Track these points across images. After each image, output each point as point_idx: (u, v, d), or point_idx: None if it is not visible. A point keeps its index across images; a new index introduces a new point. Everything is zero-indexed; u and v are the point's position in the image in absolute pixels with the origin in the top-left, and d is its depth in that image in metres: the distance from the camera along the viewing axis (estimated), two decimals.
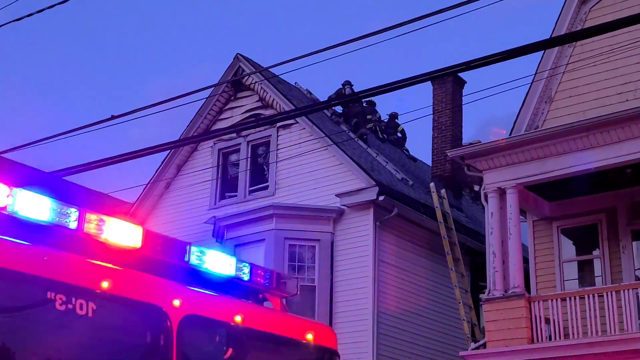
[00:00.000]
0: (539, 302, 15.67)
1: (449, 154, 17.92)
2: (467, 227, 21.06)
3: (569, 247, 18.03)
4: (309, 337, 7.30)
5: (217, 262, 7.00)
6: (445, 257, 18.36)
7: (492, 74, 11.90)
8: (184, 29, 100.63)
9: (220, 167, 21.73)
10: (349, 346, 16.32)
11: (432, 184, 19.36)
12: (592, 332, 15.00)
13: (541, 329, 15.42)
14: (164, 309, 6.25)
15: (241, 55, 21.82)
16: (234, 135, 21.16)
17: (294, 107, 19.74)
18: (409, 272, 19.60)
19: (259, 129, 20.78)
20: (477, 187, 20.45)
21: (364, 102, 23.22)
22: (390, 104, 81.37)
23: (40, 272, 5.61)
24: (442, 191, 19.20)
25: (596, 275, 17.38)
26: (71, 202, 6.14)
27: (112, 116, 11.43)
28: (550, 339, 15.39)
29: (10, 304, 5.46)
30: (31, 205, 5.86)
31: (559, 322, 15.36)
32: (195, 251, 6.84)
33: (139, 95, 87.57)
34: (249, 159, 21.22)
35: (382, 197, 18.54)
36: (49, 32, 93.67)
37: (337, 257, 18.91)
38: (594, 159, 15.43)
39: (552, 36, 17.32)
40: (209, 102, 21.95)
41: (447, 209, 18.91)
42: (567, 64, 17.68)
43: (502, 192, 16.38)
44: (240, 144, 21.48)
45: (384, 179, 19.61)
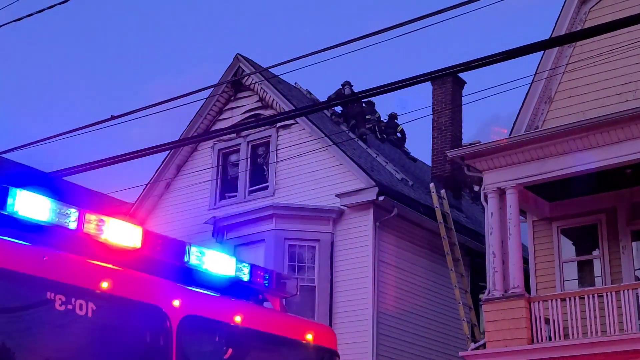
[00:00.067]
0: (539, 302, 15.67)
1: (448, 154, 17.92)
2: (467, 228, 21.05)
3: (568, 248, 18.03)
4: (309, 337, 7.30)
5: (217, 262, 7.00)
6: (445, 258, 18.36)
7: (492, 74, 11.91)
8: (184, 29, 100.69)
9: (220, 167, 21.72)
10: (348, 346, 16.31)
11: (432, 184, 19.36)
12: (592, 333, 14.99)
13: (541, 329, 15.42)
14: (164, 310, 6.25)
15: (241, 55, 21.81)
16: (234, 135, 21.15)
17: (294, 108, 19.73)
18: (408, 272, 19.60)
19: (258, 129, 20.77)
20: (477, 188, 20.48)
21: (363, 102, 23.22)
22: (390, 104, 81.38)
23: (40, 272, 5.61)
24: (442, 191, 19.20)
25: (596, 275, 17.37)
26: (70, 202, 6.14)
27: (112, 116, 11.43)
28: (550, 339, 15.38)
29: (9, 304, 5.46)
30: (31, 205, 5.85)
31: (558, 322, 15.35)
32: (195, 251, 6.84)
33: (139, 95, 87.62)
34: (249, 159, 21.21)
35: (382, 198, 18.53)
36: (49, 32, 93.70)
37: (337, 258, 18.90)
38: (593, 159, 15.43)
39: (552, 36, 17.32)
40: (209, 102, 21.94)
41: (447, 209, 18.92)
42: (567, 64, 17.68)
43: (502, 193, 16.37)
44: (240, 144, 21.48)
45: (383, 179, 19.60)
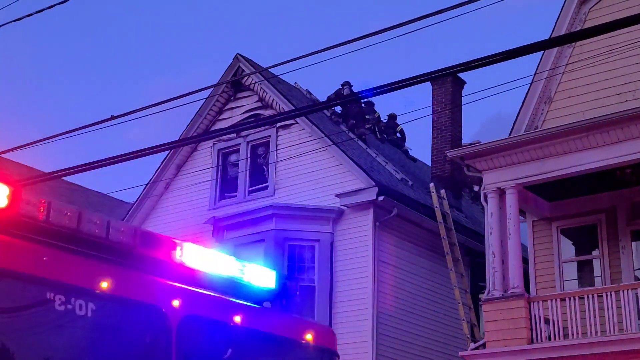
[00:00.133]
0: (539, 302, 15.68)
1: (448, 154, 17.92)
2: (466, 228, 21.05)
3: (568, 248, 18.03)
4: (309, 337, 7.31)
5: (216, 262, 7.00)
6: (444, 258, 18.36)
7: (492, 74, 11.93)
8: (184, 29, 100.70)
9: (220, 167, 21.72)
10: (348, 346, 16.31)
11: (432, 184, 19.36)
12: (591, 333, 15.00)
13: (541, 329, 15.42)
14: (164, 310, 6.25)
15: (241, 55, 21.81)
16: (234, 135, 21.15)
17: (294, 108, 19.73)
18: (408, 272, 19.60)
19: (258, 129, 20.77)
20: (476, 188, 20.48)
21: (363, 102, 23.22)
22: (390, 104, 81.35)
23: (39, 272, 5.60)
24: (442, 191, 19.20)
25: (595, 275, 17.38)
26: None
27: (112, 116, 11.42)
28: (549, 339, 15.38)
29: (9, 304, 5.46)
30: None
31: (558, 322, 15.36)
32: (195, 251, 6.84)
33: (139, 95, 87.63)
34: (249, 159, 21.21)
35: (381, 198, 18.53)
36: (49, 32, 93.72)
37: (337, 258, 18.90)
38: (593, 159, 15.44)
39: (552, 36, 17.32)
40: (209, 102, 21.94)
41: (447, 209, 18.92)
42: (567, 65, 17.68)
43: (501, 193, 16.38)
44: (240, 144, 21.47)
45: (383, 179, 19.60)
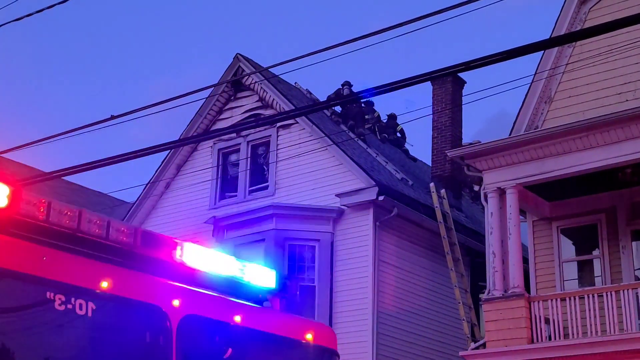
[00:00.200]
0: (539, 302, 15.67)
1: (448, 154, 17.92)
2: (466, 227, 21.05)
3: (568, 247, 18.03)
4: (309, 337, 7.30)
5: (216, 262, 7.00)
6: (445, 257, 18.36)
7: (492, 74, 11.92)
8: (184, 29, 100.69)
9: (220, 167, 21.72)
10: (348, 346, 16.30)
11: (432, 184, 19.36)
12: (591, 332, 14.99)
13: (541, 329, 15.42)
14: (164, 309, 6.25)
15: (241, 55, 21.81)
16: (234, 135, 21.15)
17: (294, 107, 19.73)
18: (408, 272, 19.60)
19: (258, 129, 20.77)
20: (476, 187, 20.46)
21: (362, 102, 23.21)
22: (390, 104, 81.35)
23: (39, 271, 5.60)
24: (442, 191, 19.20)
25: (596, 275, 17.37)
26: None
27: (112, 116, 11.43)
28: (550, 339, 15.38)
29: (9, 304, 5.46)
30: None
31: (558, 322, 15.35)
32: (195, 251, 6.84)
33: (138, 95, 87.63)
34: (249, 159, 21.21)
35: (382, 197, 18.53)
36: (49, 32, 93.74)
37: (337, 257, 18.90)
38: (593, 159, 15.43)
39: (552, 36, 17.32)
40: (209, 102, 21.94)
41: (447, 209, 18.91)
42: (567, 64, 17.68)
43: (501, 192, 16.38)
44: (240, 144, 21.47)
45: (383, 179, 19.60)
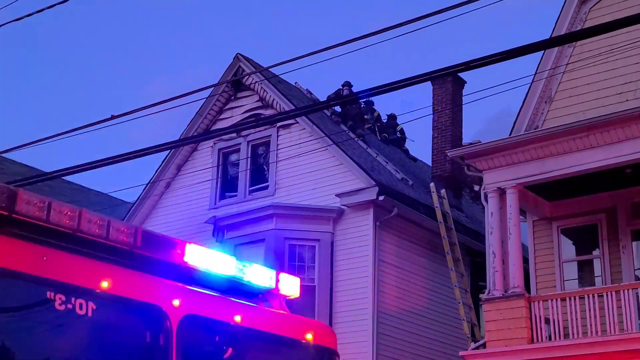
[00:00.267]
0: (539, 302, 15.67)
1: (448, 154, 17.91)
2: (467, 227, 21.05)
3: (568, 247, 18.03)
4: (309, 337, 7.30)
5: (217, 262, 6.99)
6: (445, 257, 18.36)
7: (492, 74, 11.91)
8: (184, 29, 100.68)
9: (220, 167, 21.72)
10: (348, 346, 16.30)
11: (432, 184, 19.35)
12: (592, 332, 14.99)
13: (541, 329, 15.41)
14: (164, 309, 6.25)
15: (241, 55, 21.80)
16: (234, 135, 21.14)
17: (294, 107, 19.73)
18: (408, 272, 19.60)
19: (259, 129, 20.76)
20: (477, 187, 20.42)
21: (362, 102, 23.21)
22: (390, 104, 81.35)
23: (40, 271, 5.60)
24: (442, 191, 19.20)
25: (596, 275, 17.37)
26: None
27: (112, 116, 11.45)
28: (550, 339, 15.38)
29: (9, 303, 5.46)
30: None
31: (558, 322, 15.35)
32: (195, 251, 6.83)
33: (139, 95, 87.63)
34: (249, 159, 21.21)
35: (382, 197, 18.52)
36: (49, 32, 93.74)
37: (337, 257, 18.89)
38: (593, 159, 15.43)
39: (552, 36, 17.32)
40: (209, 102, 21.94)
41: (447, 209, 18.91)
42: (567, 64, 17.68)
43: (502, 192, 16.37)
44: (240, 143, 21.47)
45: (383, 179, 19.60)
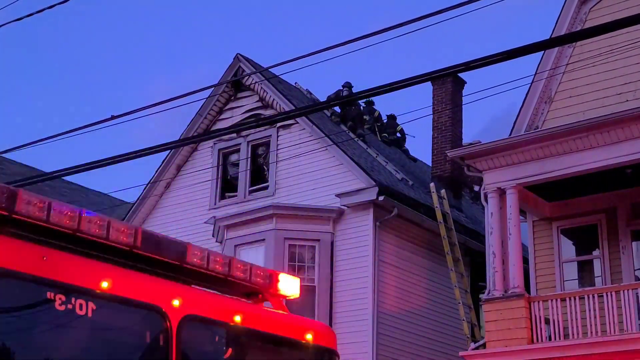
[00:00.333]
0: (539, 302, 15.67)
1: (448, 154, 17.90)
2: (467, 228, 21.05)
3: (568, 248, 18.03)
4: (309, 337, 7.29)
5: (216, 262, 6.99)
6: (445, 257, 18.36)
7: (493, 74, 11.94)
8: (184, 29, 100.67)
9: (220, 167, 21.72)
10: (348, 346, 16.31)
11: (432, 184, 19.35)
12: (592, 333, 14.99)
13: (541, 329, 15.42)
14: (164, 309, 6.25)
15: (241, 55, 21.81)
16: (234, 135, 21.14)
17: (294, 107, 19.73)
18: (408, 272, 19.59)
19: (259, 129, 20.76)
20: (477, 188, 20.46)
21: (363, 102, 23.20)
22: (390, 104, 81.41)
23: (40, 272, 5.60)
24: (442, 191, 19.20)
25: (596, 275, 17.37)
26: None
27: (112, 116, 11.46)
28: (550, 339, 15.38)
29: (9, 304, 5.46)
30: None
31: (558, 322, 15.35)
32: (195, 251, 6.83)
33: (139, 95, 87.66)
34: (249, 159, 21.21)
35: (382, 197, 18.53)
36: (50, 32, 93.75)
37: (337, 257, 18.89)
38: (593, 159, 15.43)
39: (552, 36, 17.32)
40: (209, 102, 21.94)
41: (447, 209, 18.91)
42: (567, 64, 17.69)
43: (502, 193, 16.37)
44: (240, 144, 21.47)
45: (383, 179, 19.60)
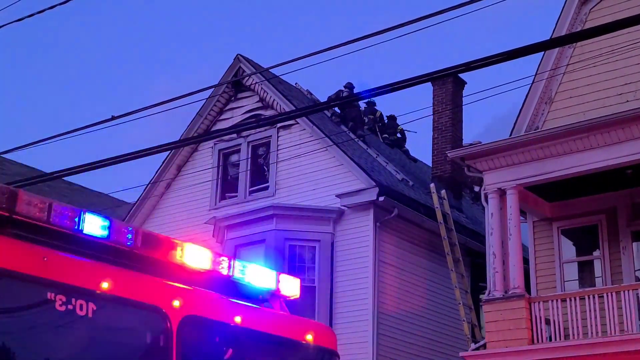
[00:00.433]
0: (539, 302, 15.66)
1: (449, 155, 17.90)
2: (467, 228, 21.04)
3: (569, 248, 18.02)
4: (309, 337, 7.29)
5: (217, 262, 6.99)
6: (445, 258, 18.35)
7: (493, 74, 11.92)
8: (184, 29, 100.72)
9: (220, 167, 21.71)
10: (349, 347, 16.31)
11: (432, 185, 19.34)
12: (592, 333, 14.98)
13: (541, 329, 15.41)
14: (164, 310, 6.25)
15: (241, 55, 21.81)
16: (235, 135, 21.14)
17: (295, 108, 19.73)
18: (409, 272, 19.59)
19: (259, 130, 20.76)
20: (477, 188, 20.44)
21: (364, 102, 23.20)
22: (391, 104, 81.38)
23: (40, 272, 5.60)
24: (442, 192, 19.19)
25: (596, 276, 17.36)
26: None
27: (112, 116, 11.46)
28: (550, 339, 15.37)
29: (10, 304, 5.46)
30: None
31: (559, 322, 15.35)
32: (195, 251, 6.83)
33: (139, 95, 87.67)
34: (250, 160, 21.20)
35: (382, 198, 18.53)
36: (50, 33, 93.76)
37: (338, 258, 18.89)
38: (594, 159, 15.43)
39: (553, 37, 17.32)
40: (210, 102, 21.94)
41: (447, 210, 18.90)
42: (568, 65, 17.68)
43: (502, 193, 16.37)
44: (240, 144, 21.47)
45: (384, 179, 19.60)
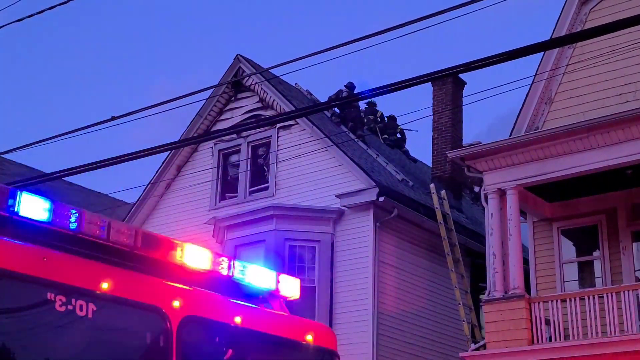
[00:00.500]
0: (539, 303, 15.66)
1: (449, 155, 17.89)
2: (467, 228, 21.04)
3: (569, 248, 18.02)
4: (309, 338, 7.29)
5: (217, 263, 6.99)
6: (445, 258, 18.35)
7: (493, 75, 11.91)
8: (184, 30, 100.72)
9: (220, 167, 21.71)
10: (349, 347, 16.30)
11: (432, 185, 19.34)
12: (592, 334, 14.98)
13: (541, 330, 15.41)
14: (164, 310, 6.25)
15: (241, 56, 21.80)
16: (234, 136, 21.14)
17: (294, 108, 19.73)
18: (409, 273, 19.59)
19: (259, 130, 20.75)
20: (477, 188, 20.46)
21: (365, 102, 23.19)
22: (390, 105, 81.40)
23: (40, 273, 5.60)
24: (442, 192, 19.19)
25: (596, 276, 17.36)
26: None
27: (112, 116, 11.46)
28: (550, 340, 15.37)
29: (10, 304, 5.46)
30: None
31: (559, 323, 15.35)
32: (195, 252, 6.83)
33: (139, 95, 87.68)
34: (249, 160, 21.20)
35: (382, 198, 18.52)
36: (50, 33, 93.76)
37: (338, 258, 18.89)
38: (594, 160, 15.42)
39: (553, 37, 17.32)
40: (210, 102, 21.93)
41: (447, 210, 18.90)
42: (567, 65, 17.67)
43: (502, 193, 16.36)
44: (240, 144, 21.47)
45: (384, 179, 19.60)
